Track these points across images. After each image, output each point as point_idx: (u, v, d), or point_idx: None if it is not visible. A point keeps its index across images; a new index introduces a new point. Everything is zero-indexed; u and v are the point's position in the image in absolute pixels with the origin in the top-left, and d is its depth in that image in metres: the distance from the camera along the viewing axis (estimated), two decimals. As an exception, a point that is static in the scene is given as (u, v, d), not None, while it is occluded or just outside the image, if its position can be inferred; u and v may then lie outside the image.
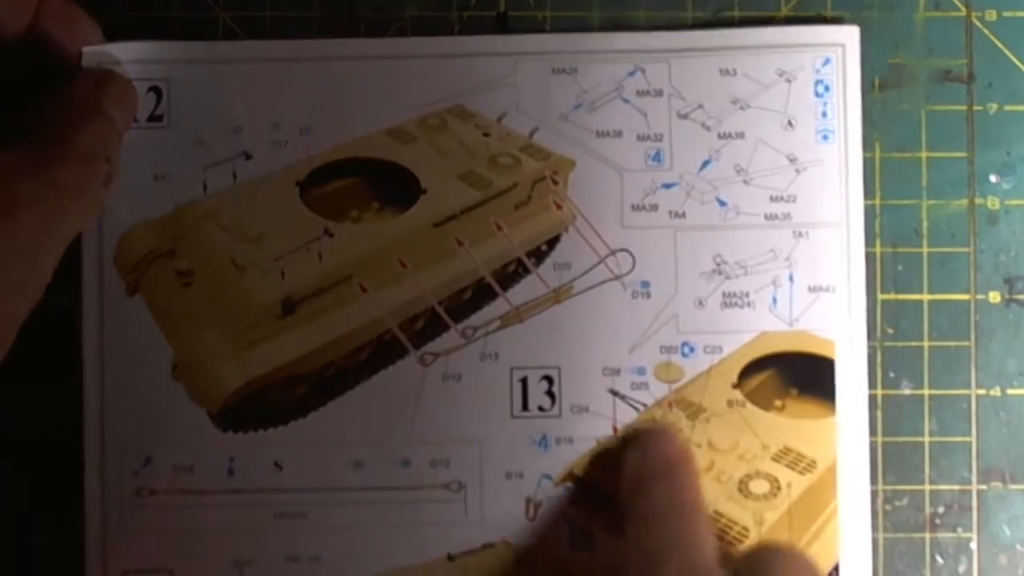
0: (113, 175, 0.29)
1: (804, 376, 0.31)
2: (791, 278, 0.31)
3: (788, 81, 0.31)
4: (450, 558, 0.30)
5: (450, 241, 0.31)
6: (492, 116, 0.31)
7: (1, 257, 0.26)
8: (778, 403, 0.31)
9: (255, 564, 0.30)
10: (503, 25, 0.32)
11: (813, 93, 0.31)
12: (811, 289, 0.31)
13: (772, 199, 0.31)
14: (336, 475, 0.31)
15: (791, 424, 0.31)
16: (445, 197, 0.31)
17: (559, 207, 0.31)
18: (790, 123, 0.31)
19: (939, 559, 0.31)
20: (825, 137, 0.31)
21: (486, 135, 0.32)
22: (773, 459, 0.31)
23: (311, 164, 0.31)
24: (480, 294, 0.31)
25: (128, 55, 0.31)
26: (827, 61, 0.31)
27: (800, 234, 0.31)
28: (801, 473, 0.30)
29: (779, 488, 0.30)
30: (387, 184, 0.31)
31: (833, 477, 0.30)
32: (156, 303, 0.31)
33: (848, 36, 0.31)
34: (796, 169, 0.31)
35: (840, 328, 0.31)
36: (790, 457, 0.31)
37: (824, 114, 0.31)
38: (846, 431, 0.30)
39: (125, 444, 0.30)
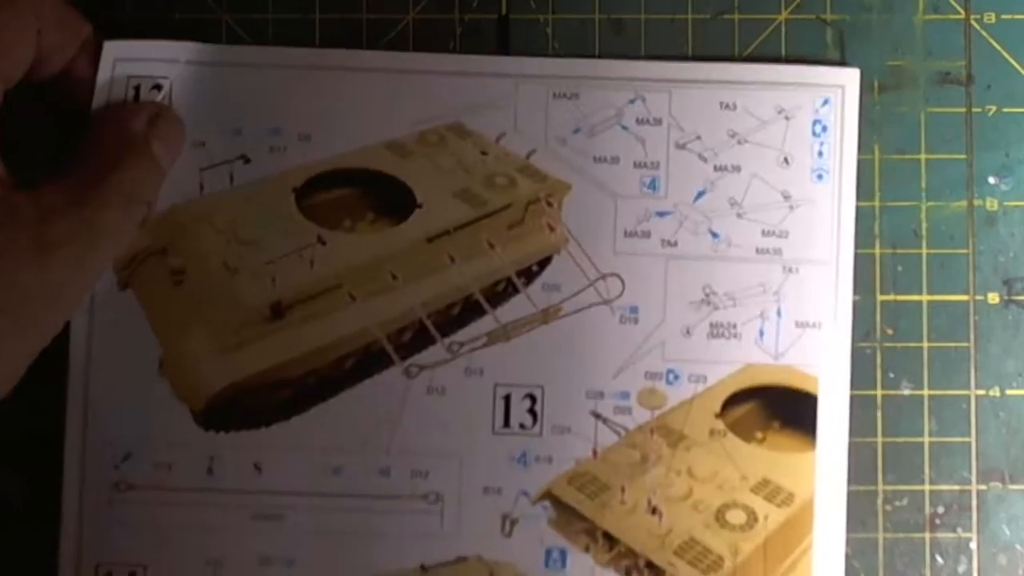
0: (149, 218, 0.29)
1: (787, 410, 0.31)
2: (779, 312, 0.31)
3: (787, 119, 0.31)
4: (423, 569, 0.31)
5: (442, 256, 0.31)
6: (491, 136, 0.32)
7: (29, 296, 0.26)
8: (759, 435, 0.31)
9: (228, 564, 0.30)
10: (504, 28, 0.32)
11: (811, 132, 0.31)
12: (798, 324, 0.31)
13: (764, 233, 0.31)
14: (315, 480, 0.31)
15: (771, 456, 0.31)
16: (439, 213, 0.31)
17: (552, 229, 0.31)
18: (786, 160, 0.31)
19: (939, 559, 0.31)
20: (820, 176, 0.31)
21: (484, 154, 0.32)
22: (752, 490, 0.31)
23: (308, 172, 0.31)
24: (469, 310, 0.31)
25: (130, 53, 0.31)
26: (826, 102, 0.31)
27: (790, 270, 0.31)
28: (779, 506, 0.31)
29: (756, 519, 0.30)
30: (383, 196, 0.32)
31: (810, 512, 0.30)
32: (147, 299, 0.31)
33: (848, 78, 0.31)
34: (790, 206, 0.31)
35: (824, 365, 0.31)
36: (768, 489, 0.31)
37: (820, 154, 0.31)
38: (825, 470, 0.31)
39: (107, 437, 0.30)
